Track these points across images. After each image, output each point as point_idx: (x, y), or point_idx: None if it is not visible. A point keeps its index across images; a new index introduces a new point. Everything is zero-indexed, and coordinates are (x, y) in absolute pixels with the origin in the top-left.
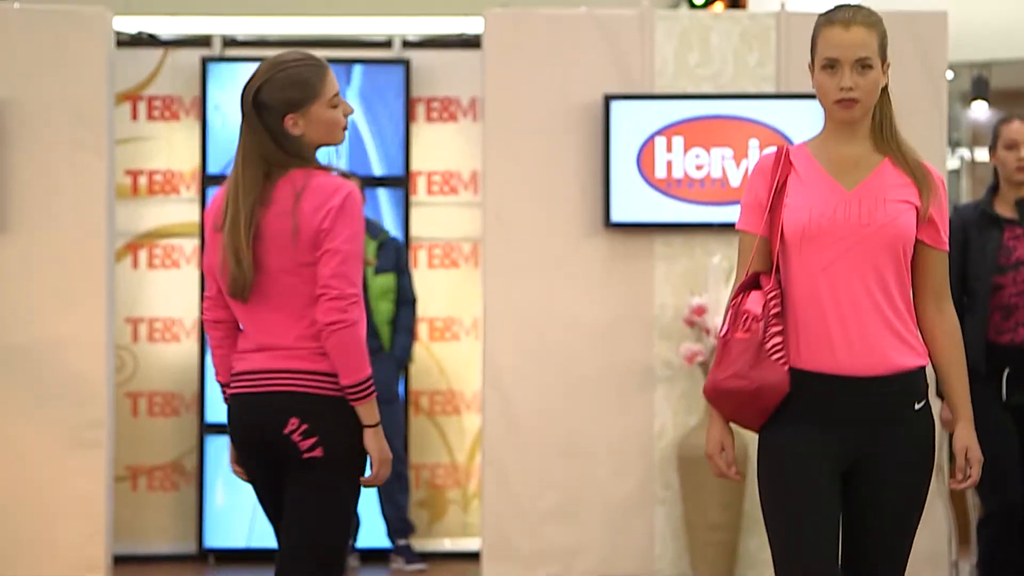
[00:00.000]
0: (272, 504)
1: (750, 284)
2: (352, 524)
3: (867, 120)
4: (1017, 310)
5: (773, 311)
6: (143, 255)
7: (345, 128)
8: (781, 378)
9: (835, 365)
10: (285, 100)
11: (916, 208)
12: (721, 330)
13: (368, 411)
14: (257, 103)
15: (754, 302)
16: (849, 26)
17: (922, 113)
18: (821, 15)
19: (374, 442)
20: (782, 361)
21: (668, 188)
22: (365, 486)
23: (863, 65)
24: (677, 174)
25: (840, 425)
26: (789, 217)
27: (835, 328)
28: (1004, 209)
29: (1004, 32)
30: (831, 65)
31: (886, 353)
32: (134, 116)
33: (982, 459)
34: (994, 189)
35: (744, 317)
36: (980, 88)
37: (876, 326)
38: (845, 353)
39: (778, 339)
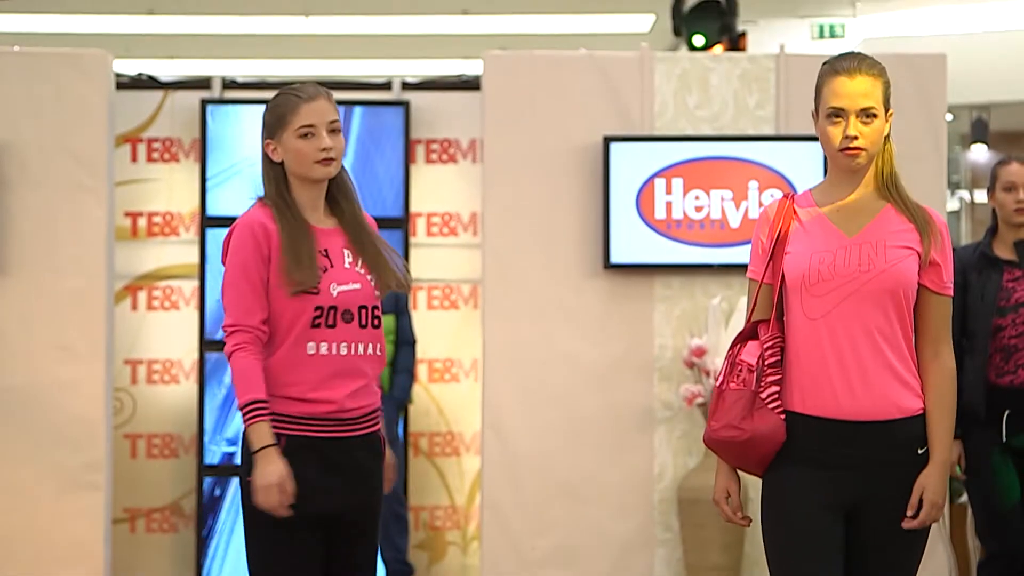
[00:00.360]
0: None
1: (748, 334)
2: (278, 568)
3: (870, 167)
4: (1017, 352)
5: (769, 360)
6: (142, 297)
7: (321, 163)
8: (776, 427)
9: (837, 410)
10: (264, 125)
11: (918, 253)
12: (717, 380)
13: (252, 435)
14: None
15: (749, 353)
16: (854, 76)
17: (922, 155)
18: (825, 64)
19: (255, 468)
20: (778, 410)
21: (668, 229)
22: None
23: (867, 114)
24: (677, 215)
25: (842, 468)
26: (790, 264)
27: (836, 373)
28: (1003, 251)
29: (1003, 75)
30: (836, 114)
31: (888, 398)
32: (134, 158)
33: (939, 504)
34: (993, 231)
35: (739, 368)
36: (979, 130)
37: (878, 371)
38: (847, 398)
39: (775, 388)
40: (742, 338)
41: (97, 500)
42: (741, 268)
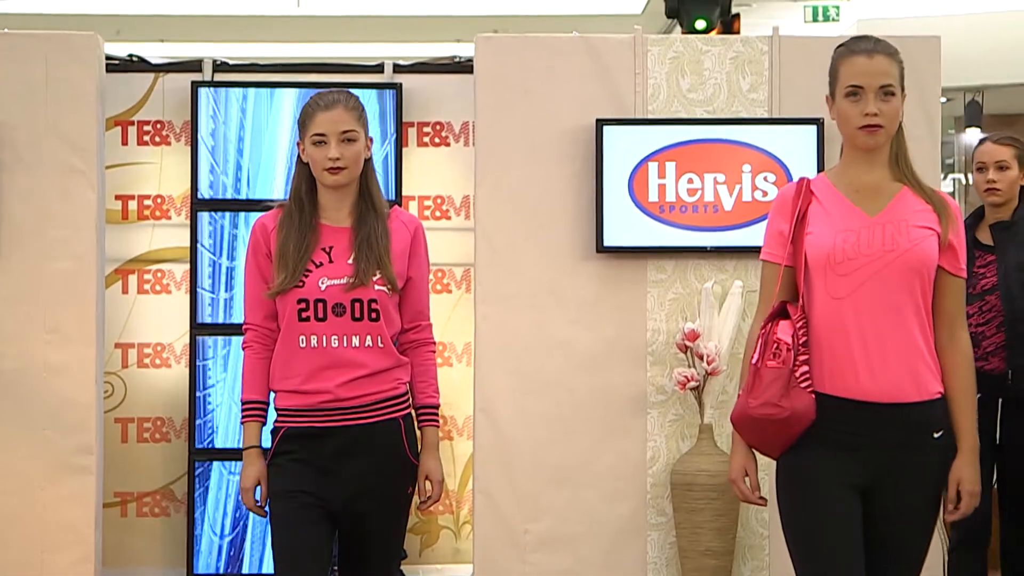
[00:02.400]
0: None
1: (778, 313)
2: (280, 555)
3: (886, 149)
4: (984, 339)
5: (802, 340)
6: (133, 280)
7: (329, 171)
8: (809, 406)
9: (858, 391)
10: (297, 126)
11: (937, 234)
12: (752, 358)
13: (244, 434)
14: None
15: (784, 331)
16: (872, 55)
17: (916, 138)
18: (841, 46)
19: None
20: (809, 389)
21: (661, 213)
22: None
23: (886, 92)
24: (670, 199)
25: (860, 449)
26: (813, 244)
27: (859, 354)
28: (985, 236)
29: (997, 57)
30: (855, 93)
31: (907, 380)
32: (124, 141)
33: (977, 492)
34: (980, 214)
35: (775, 345)
36: (973, 113)
37: (899, 352)
38: (868, 379)
39: (805, 368)
40: (772, 317)
41: (88, 484)
42: (734, 251)
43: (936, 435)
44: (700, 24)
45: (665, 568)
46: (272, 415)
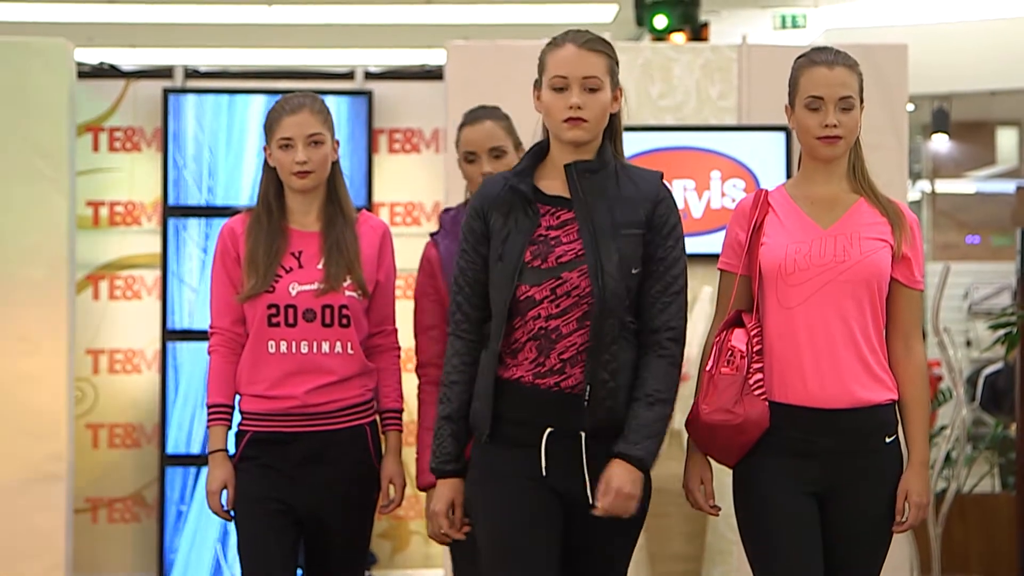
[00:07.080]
0: None
1: (733, 321)
2: (246, 561)
3: (844, 161)
4: (559, 341)
5: (756, 348)
6: (104, 286)
7: (296, 175)
8: (763, 413)
9: (807, 397)
10: (264, 130)
11: (891, 246)
12: (706, 365)
13: (210, 438)
14: None
15: (738, 339)
16: (833, 67)
17: (883, 145)
18: (802, 56)
19: (208, 470)
20: (763, 397)
21: None
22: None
23: (846, 104)
24: None
25: (813, 455)
26: (766, 255)
27: (808, 362)
28: (554, 184)
29: (964, 65)
30: (815, 104)
31: (856, 387)
32: (95, 147)
33: (925, 504)
34: (541, 151)
35: (729, 353)
36: (940, 120)
37: (849, 361)
38: (816, 386)
39: (759, 376)
40: (727, 325)
41: (59, 490)
42: (703, 258)
43: (888, 439)
44: (660, 22)
45: (635, 572)
46: (236, 418)
